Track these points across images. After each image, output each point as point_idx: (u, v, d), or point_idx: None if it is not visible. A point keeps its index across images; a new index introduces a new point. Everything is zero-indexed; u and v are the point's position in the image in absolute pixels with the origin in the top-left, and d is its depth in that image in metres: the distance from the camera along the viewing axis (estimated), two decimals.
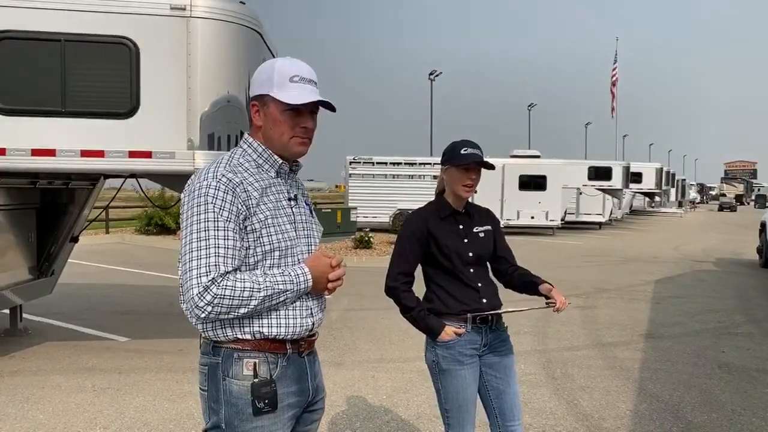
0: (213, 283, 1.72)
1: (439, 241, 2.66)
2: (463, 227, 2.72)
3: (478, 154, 2.64)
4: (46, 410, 4.49)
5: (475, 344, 2.66)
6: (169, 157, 4.98)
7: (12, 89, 4.88)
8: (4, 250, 5.85)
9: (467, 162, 2.62)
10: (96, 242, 16.12)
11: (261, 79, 1.88)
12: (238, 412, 1.81)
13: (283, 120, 1.86)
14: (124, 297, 9.08)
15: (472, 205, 2.80)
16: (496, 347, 2.71)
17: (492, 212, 2.92)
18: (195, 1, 4.98)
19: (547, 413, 4.52)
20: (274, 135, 1.89)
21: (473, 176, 2.66)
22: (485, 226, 2.77)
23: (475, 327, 2.65)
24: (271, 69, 1.88)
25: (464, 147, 2.66)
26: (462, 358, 2.63)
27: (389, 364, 5.75)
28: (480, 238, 2.73)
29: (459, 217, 2.73)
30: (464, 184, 2.66)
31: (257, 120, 1.90)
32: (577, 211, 24.57)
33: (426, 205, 2.81)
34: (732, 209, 50.14)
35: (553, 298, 2.62)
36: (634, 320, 7.78)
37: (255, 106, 1.89)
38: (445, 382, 2.66)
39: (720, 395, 4.98)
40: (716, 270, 13.15)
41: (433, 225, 2.68)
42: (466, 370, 2.64)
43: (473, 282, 2.67)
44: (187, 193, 1.83)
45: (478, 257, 2.70)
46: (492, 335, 2.70)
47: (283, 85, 1.84)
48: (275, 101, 1.85)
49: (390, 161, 21.78)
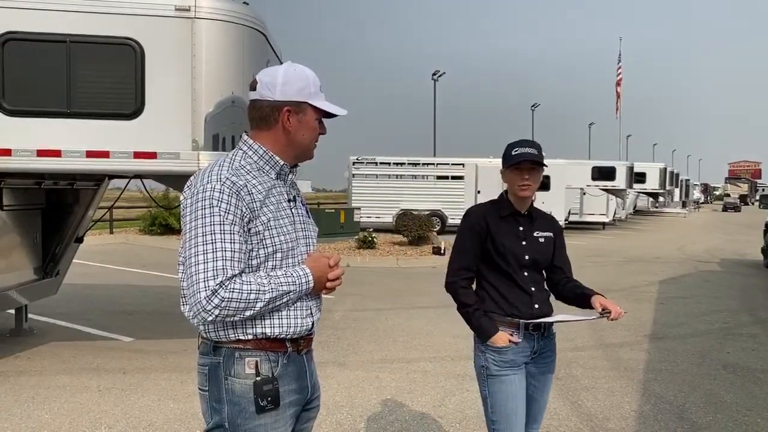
0: (221, 287, 1.73)
1: (496, 239, 2.61)
2: (523, 229, 2.66)
3: (529, 152, 2.58)
4: (52, 410, 4.51)
5: (526, 351, 2.62)
6: (173, 158, 4.99)
7: (18, 90, 4.89)
8: (10, 251, 5.88)
9: (517, 161, 2.57)
10: (100, 242, 16.16)
11: (296, 86, 1.91)
12: (241, 410, 1.83)
13: (315, 127, 1.96)
14: (128, 297, 9.10)
15: (537, 209, 2.75)
16: (545, 355, 2.68)
17: (556, 220, 2.86)
18: (199, 2, 4.99)
19: (551, 413, 4.51)
20: (303, 141, 1.95)
21: (526, 176, 2.59)
22: (547, 232, 2.72)
23: (527, 334, 2.61)
24: (305, 78, 1.94)
25: (516, 147, 2.61)
26: (513, 365, 2.59)
27: (393, 365, 5.75)
28: (539, 243, 2.67)
29: (520, 218, 2.67)
30: (519, 184, 2.60)
31: (289, 125, 1.92)
32: (580, 211, 24.51)
33: (487, 202, 2.77)
34: (736, 209, 50.00)
35: (607, 308, 2.54)
36: (639, 321, 7.77)
37: (289, 111, 1.91)
38: (494, 388, 2.60)
39: (725, 396, 4.97)
40: (720, 270, 13.12)
41: (492, 222, 2.64)
42: (516, 375, 2.60)
43: (527, 286, 2.62)
44: (189, 195, 1.84)
45: (534, 261, 2.65)
46: (542, 342, 2.66)
47: (317, 95, 1.94)
48: (314, 109, 1.93)
49: (393, 161, 21.79)
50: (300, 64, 1.97)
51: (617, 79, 40.89)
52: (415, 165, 21.61)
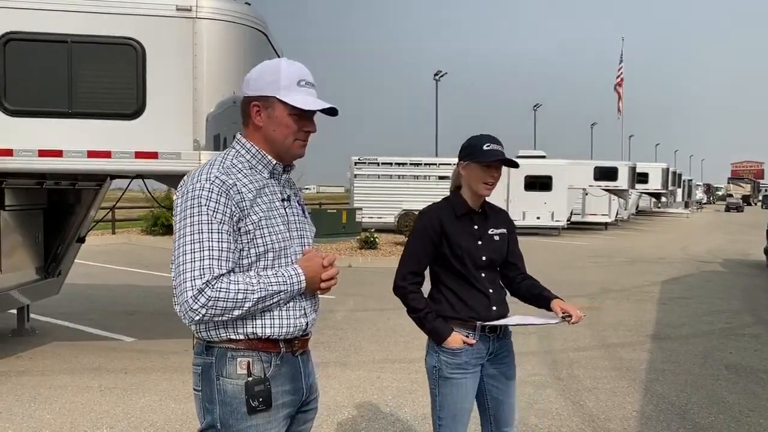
0: (207, 286, 1.72)
1: (452, 241, 2.51)
2: (478, 227, 2.56)
3: (501, 150, 2.49)
4: (53, 410, 4.51)
5: (480, 353, 2.55)
6: (175, 158, 4.99)
7: (19, 90, 4.90)
8: (12, 251, 5.88)
9: (491, 159, 2.47)
10: (102, 243, 16.19)
11: (265, 80, 1.87)
12: (233, 411, 1.81)
13: (289, 123, 1.87)
14: (130, 297, 9.11)
15: (490, 205, 2.65)
16: (501, 356, 2.62)
17: (508, 215, 2.75)
18: (200, 2, 4.99)
19: (553, 414, 4.50)
20: (277, 137, 1.89)
21: (495, 174, 2.51)
22: (501, 228, 2.62)
23: (482, 335, 2.54)
24: (276, 71, 1.87)
25: (487, 143, 2.49)
26: (467, 367, 2.52)
27: (394, 365, 5.74)
28: (495, 241, 2.58)
29: (475, 216, 2.57)
30: (485, 182, 2.50)
31: (258, 121, 1.88)
32: (582, 211, 24.49)
33: (440, 201, 2.63)
34: (739, 210, 49.88)
35: (568, 312, 2.49)
36: (641, 321, 7.75)
37: (257, 107, 1.88)
38: (445, 390, 2.54)
39: (727, 396, 4.96)
40: (723, 271, 13.08)
41: (447, 223, 2.53)
42: (468, 379, 2.54)
43: (484, 288, 2.54)
44: (179, 195, 1.83)
45: (491, 261, 2.56)
46: (498, 344, 2.60)
47: (290, 89, 1.85)
48: (283, 104, 1.85)
49: (395, 161, 21.78)
50: (291, 60, 1.92)
51: (618, 79, 40.85)
52: (417, 165, 21.60)
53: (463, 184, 2.59)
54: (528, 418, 4.42)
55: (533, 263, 2.95)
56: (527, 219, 21.31)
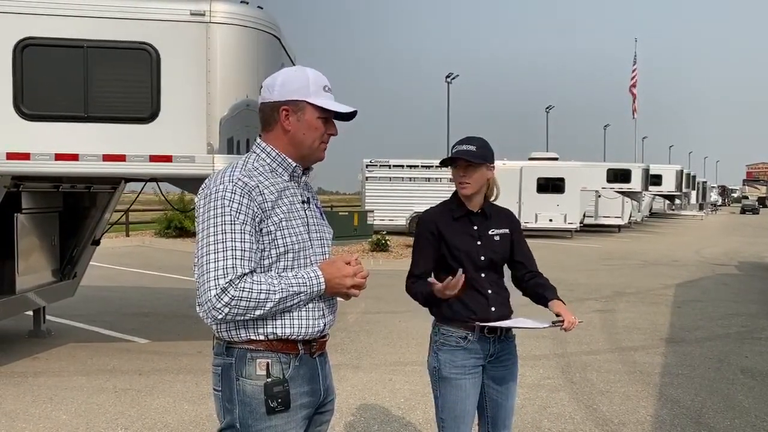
0: (230, 285, 1.76)
1: (450, 242, 2.54)
2: (477, 228, 2.57)
3: (465, 149, 2.52)
4: (69, 410, 4.56)
5: (480, 354, 2.55)
6: (189, 162, 5.03)
7: (36, 95, 4.96)
8: (29, 253, 5.96)
9: (451, 159, 2.54)
10: (117, 245, 16.32)
11: (294, 86, 1.92)
12: (252, 411, 1.84)
13: (318, 126, 1.93)
14: (144, 299, 9.18)
15: (492, 205, 2.65)
16: (502, 359, 2.61)
17: (512, 214, 2.74)
18: (214, 7, 5.03)
19: (566, 418, 4.48)
20: (305, 140, 1.94)
21: (461, 173, 2.54)
22: (503, 228, 2.62)
23: (482, 337, 2.54)
24: (305, 77, 1.93)
25: (457, 144, 2.56)
26: (465, 367, 2.53)
27: (407, 368, 5.74)
28: (495, 242, 2.58)
29: (474, 217, 2.59)
30: (458, 181, 2.55)
31: (287, 125, 1.92)
32: (595, 213, 24.33)
33: (438, 205, 2.67)
34: (754, 212, 49.33)
35: (562, 316, 2.47)
36: (655, 324, 7.69)
37: (286, 111, 1.92)
38: (444, 390, 2.56)
39: (743, 401, 4.91)
40: (739, 273, 12.95)
41: (443, 225, 2.56)
42: (467, 380, 2.53)
43: (483, 288, 2.55)
44: (202, 196, 1.87)
45: (490, 261, 2.56)
46: (499, 345, 2.59)
47: (318, 94, 1.92)
48: (313, 107, 1.91)
49: (407, 164, 21.78)
50: (307, 67, 1.98)
51: (632, 81, 40.58)
52: (428, 168, 21.58)
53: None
54: (541, 421, 4.40)
55: (545, 266, 2.95)
56: (540, 221, 21.23)
